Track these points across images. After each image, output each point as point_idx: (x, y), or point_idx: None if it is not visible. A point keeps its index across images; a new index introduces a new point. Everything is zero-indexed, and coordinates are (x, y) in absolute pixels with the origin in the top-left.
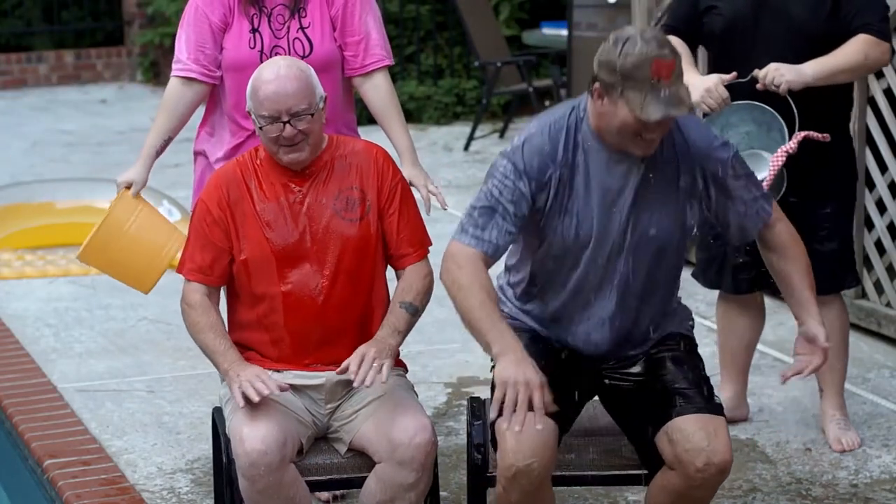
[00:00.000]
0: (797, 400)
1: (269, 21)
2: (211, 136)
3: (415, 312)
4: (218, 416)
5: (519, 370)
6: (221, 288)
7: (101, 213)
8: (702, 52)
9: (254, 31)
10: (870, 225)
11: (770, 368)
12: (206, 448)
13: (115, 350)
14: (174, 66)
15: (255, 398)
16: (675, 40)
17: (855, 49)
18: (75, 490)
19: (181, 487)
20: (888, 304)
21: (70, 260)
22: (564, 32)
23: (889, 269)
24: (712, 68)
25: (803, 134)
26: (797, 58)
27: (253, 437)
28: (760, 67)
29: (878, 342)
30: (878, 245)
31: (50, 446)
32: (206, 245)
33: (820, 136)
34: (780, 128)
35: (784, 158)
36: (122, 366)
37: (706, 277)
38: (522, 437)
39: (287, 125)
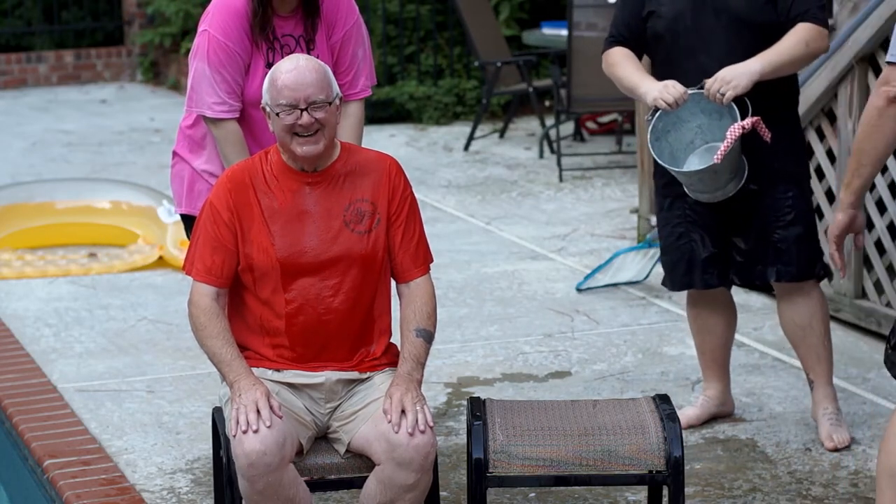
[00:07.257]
0: (797, 400)
1: (281, 55)
2: (201, 149)
3: (430, 338)
4: (218, 416)
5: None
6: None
7: (101, 214)
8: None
9: (269, 65)
10: (870, 225)
11: (770, 368)
12: (206, 448)
13: (115, 350)
14: (216, 107)
15: (244, 429)
16: (622, 51)
17: (796, 39)
18: (75, 490)
19: (181, 487)
20: (888, 304)
21: (70, 260)
22: (564, 32)
23: (889, 269)
24: (659, 69)
25: (757, 118)
26: (742, 49)
27: (252, 438)
28: (707, 63)
29: (878, 342)
30: (878, 245)
31: (50, 446)
32: (217, 247)
33: (766, 132)
34: (733, 112)
35: (739, 132)
36: (121, 366)
37: (674, 280)
38: None
39: (304, 113)
